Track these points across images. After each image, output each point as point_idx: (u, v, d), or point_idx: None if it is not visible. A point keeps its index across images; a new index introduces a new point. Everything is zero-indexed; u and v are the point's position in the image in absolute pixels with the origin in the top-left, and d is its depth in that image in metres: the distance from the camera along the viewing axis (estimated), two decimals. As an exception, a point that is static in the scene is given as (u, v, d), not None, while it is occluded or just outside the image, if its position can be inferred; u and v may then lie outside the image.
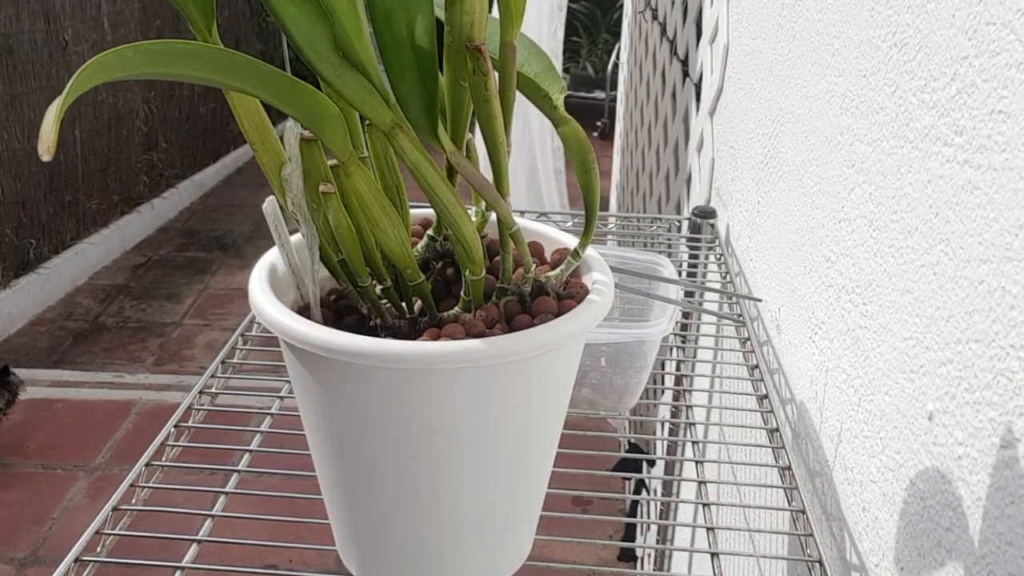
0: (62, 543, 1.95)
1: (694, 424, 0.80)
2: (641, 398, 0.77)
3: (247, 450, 0.68)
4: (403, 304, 0.48)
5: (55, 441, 2.31)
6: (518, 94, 0.45)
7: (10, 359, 2.54)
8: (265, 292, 0.45)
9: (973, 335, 0.46)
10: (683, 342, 0.96)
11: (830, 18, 0.71)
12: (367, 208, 0.43)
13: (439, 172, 0.43)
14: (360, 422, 0.44)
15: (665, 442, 1.25)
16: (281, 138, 0.43)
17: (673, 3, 1.64)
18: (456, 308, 0.47)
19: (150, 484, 0.63)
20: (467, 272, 0.46)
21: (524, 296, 0.47)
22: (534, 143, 2.57)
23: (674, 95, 1.58)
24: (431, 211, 0.52)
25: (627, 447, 1.79)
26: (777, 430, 0.70)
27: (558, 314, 0.45)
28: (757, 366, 0.79)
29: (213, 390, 0.74)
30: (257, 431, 0.70)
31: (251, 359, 0.79)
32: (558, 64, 2.32)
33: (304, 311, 0.47)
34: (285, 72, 0.37)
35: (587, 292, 0.47)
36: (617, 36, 4.22)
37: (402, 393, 0.42)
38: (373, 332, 0.46)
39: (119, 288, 3.30)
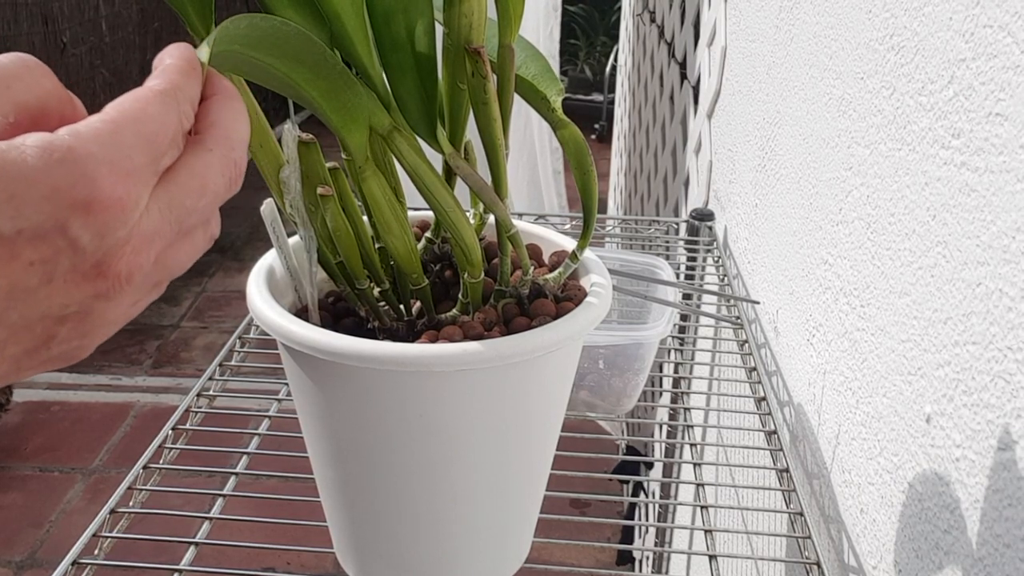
0: (60, 546, 1.95)
1: (692, 426, 0.80)
2: (639, 400, 0.77)
3: (245, 452, 0.68)
4: (401, 306, 0.48)
5: (53, 444, 2.30)
6: (516, 96, 0.45)
7: (7, 361, 2.53)
8: (263, 294, 0.45)
9: (971, 337, 0.46)
10: (681, 344, 0.96)
11: (828, 21, 0.71)
12: (380, 212, 0.43)
13: (437, 175, 0.43)
14: (358, 424, 0.44)
15: (663, 444, 1.25)
16: (279, 140, 0.43)
17: (671, 5, 1.64)
18: (454, 310, 0.47)
19: (148, 487, 0.63)
20: (465, 274, 0.46)
21: (522, 298, 0.47)
22: (534, 144, 2.57)
23: (672, 97, 1.58)
24: (429, 213, 0.52)
25: (625, 450, 1.79)
26: (775, 432, 0.70)
27: (556, 316, 0.45)
28: (755, 368, 0.79)
29: (211, 392, 0.74)
30: (255, 433, 0.70)
31: (249, 361, 0.79)
32: (555, 66, 2.32)
33: (302, 313, 0.47)
34: (347, 68, 0.36)
35: (585, 294, 0.47)
36: (615, 38, 4.23)
37: (400, 395, 0.42)
38: (371, 334, 0.46)
39: (117, 290, 3.29)
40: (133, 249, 0.26)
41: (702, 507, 0.64)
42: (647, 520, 1.70)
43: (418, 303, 0.48)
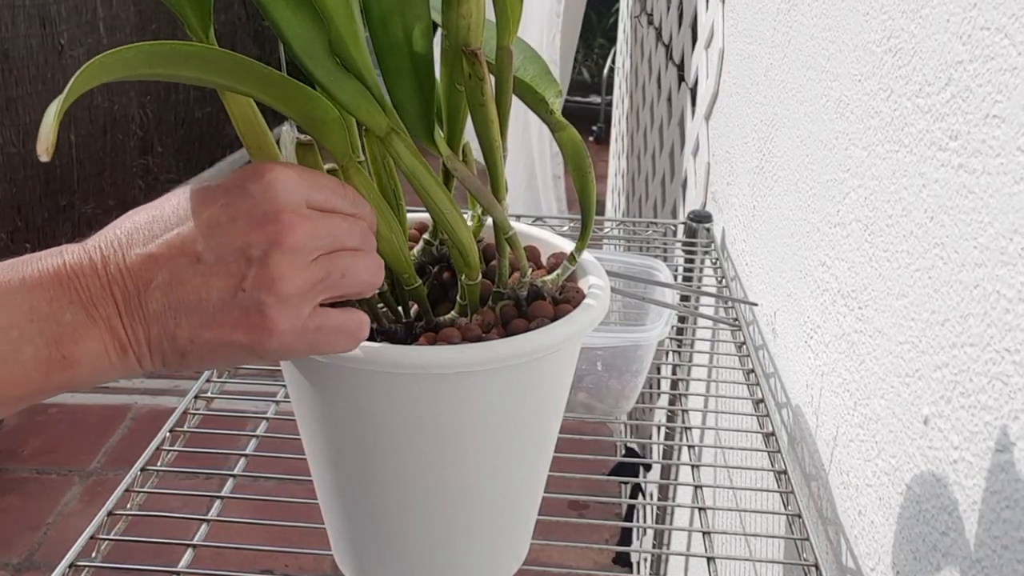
0: (57, 548, 1.94)
1: (690, 428, 0.80)
2: (637, 402, 0.77)
3: (243, 454, 0.68)
4: (399, 308, 0.48)
5: (50, 446, 2.30)
6: (516, 99, 0.45)
7: (5, 364, 2.52)
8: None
9: (968, 339, 0.46)
10: (679, 346, 0.96)
11: (825, 23, 0.71)
12: (363, 212, 0.43)
13: (434, 177, 0.43)
14: (356, 426, 0.44)
15: (661, 446, 1.25)
16: (277, 142, 0.43)
17: (668, 8, 1.64)
18: (452, 312, 0.47)
19: (145, 489, 0.62)
20: (463, 276, 0.46)
21: (520, 300, 0.47)
22: (533, 148, 2.56)
23: (670, 99, 1.58)
24: (428, 215, 0.52)
25: (624, 451, 1.79)
26: (773, 434, 0.70)
27: (554, 318, 0.45)
28: (753, 370, 0.79)
29: (208, 394, 0.74)
30: (253, 435, 0.70)
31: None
32: (556, 71, 2.31)
33: (300, 315, 0.47)
34: (286, 75, 0.37)
35: (583, 296, 0.47)
36: (613, 40, 4.23)
37: (398, 397, 0.42)
38: (370, 336, 0.46)
39: (114, 292, 3.28)
40: (294, 213, 0.36)
41: (700, 509, 0.64)
42: (645, 522, 1.70)
43: (417, 305, 0.48)
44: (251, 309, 0.35)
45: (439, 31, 0.42)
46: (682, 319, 0.97)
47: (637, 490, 1.71)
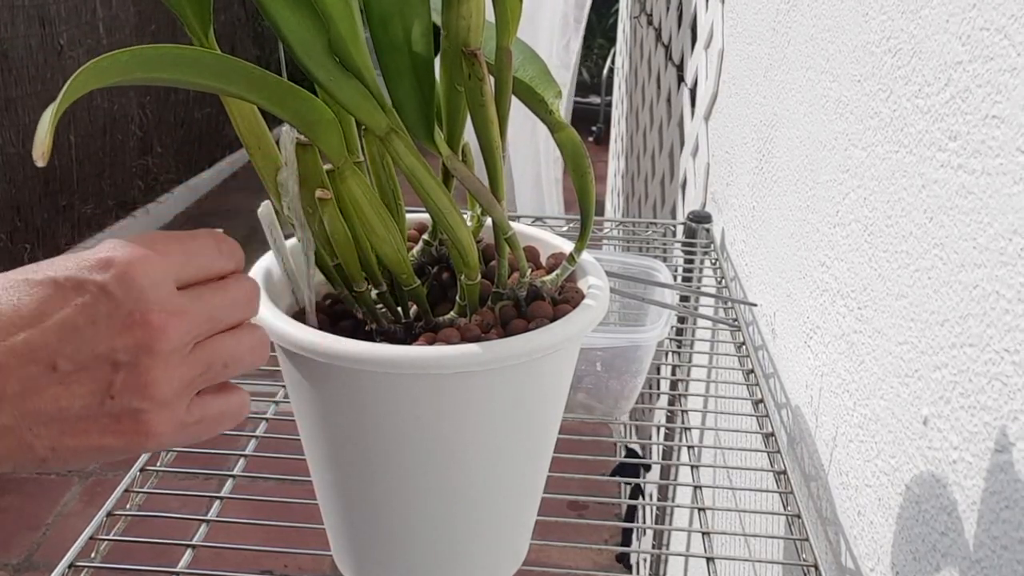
0: (56, 549, 1.94)
1: (689, 429, 0.80)
2: (637, 403, 0.77)
3: (242, 455, 0.68)
4: (399, 309, 0.48)
5: (49, 446, 2.30)
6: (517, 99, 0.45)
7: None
8: (261, 297, 0.45)
9: (967, 339, 0.46)
10: (678, 347, 0.96)
11: (825, 23, 0.71)
12: (362, 213, 0.43)
13: (434, 176, 0.43)
14: (355, 427, 0.44)
15: (660, 447, 1.25)
16: (277, 142, 0.43)
17: (668, 8, 1.64)
18: (452, 313, 0.47)
19: (145, 489, 0.62)
20: (462, 276, 0.46)
21: (520, 300, 0.47)
22: (539, 150, 2.56)
23: (669, 100, 1.58)
24: (427, 215, 0.52)
25: (624, 452, 1.79)
26: (772, 434, 0.70)
27: (553, 319, 0.45)
28: (752, 371, 0.79)
29: (208, 395, 0.74)
30: (252, 436, 0.70)
31: (246, 364, 0.79)
32: (570, 75, 2.30)
33: (299, 316, 0.47)
34: (280, 77, 0.37)
35: (582, 296, 0.47)
36: (612, 41, 4.23)
37: (397, 398, 0.42)
38: (369, 337, 0.46)
39: (114, 293, 3.28)
40: (165, 310, 0.32)
41: (700, 509, 0.64)
42: (645, 522, 1.70)
43: (416, 305, 0.48)
44: (123, 416, 0.32)
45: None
46: (682, 320, 0.97)
47: (637, 491, 1.71)
